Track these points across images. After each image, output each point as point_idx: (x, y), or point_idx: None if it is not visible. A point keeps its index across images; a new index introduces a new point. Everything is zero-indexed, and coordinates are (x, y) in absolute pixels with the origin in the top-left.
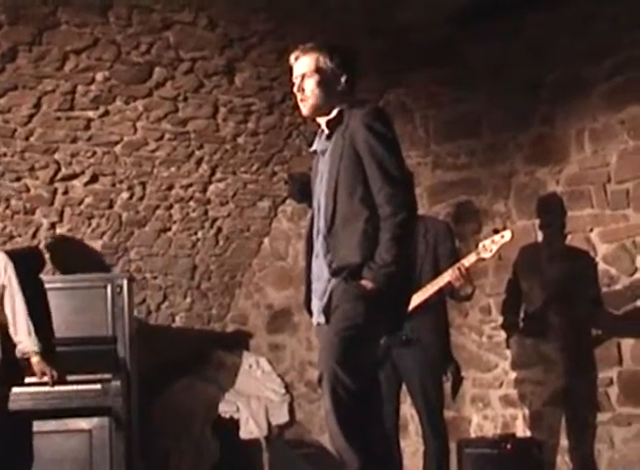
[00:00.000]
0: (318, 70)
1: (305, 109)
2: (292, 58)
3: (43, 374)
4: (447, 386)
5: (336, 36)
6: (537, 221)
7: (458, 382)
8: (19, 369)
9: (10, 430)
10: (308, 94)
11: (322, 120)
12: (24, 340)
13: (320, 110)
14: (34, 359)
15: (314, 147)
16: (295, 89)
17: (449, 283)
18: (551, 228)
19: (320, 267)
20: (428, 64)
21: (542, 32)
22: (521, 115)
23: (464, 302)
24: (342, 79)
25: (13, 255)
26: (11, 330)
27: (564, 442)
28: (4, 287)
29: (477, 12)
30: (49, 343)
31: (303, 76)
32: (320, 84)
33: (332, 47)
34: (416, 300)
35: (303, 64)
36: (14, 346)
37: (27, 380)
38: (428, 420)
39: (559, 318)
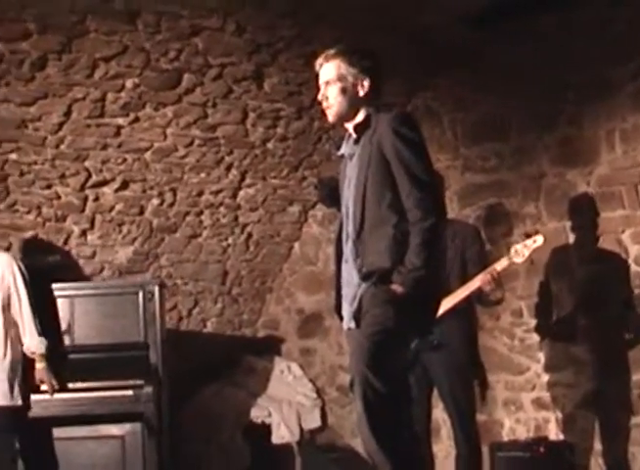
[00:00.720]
0: (340, 76)
1: (330, 116)
2: (316, 65)
3: (42, 382)
4: (477, 390)
5: (362, 40)
6: (568, 223)
7: (485, 387)
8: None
9: (35, 437)
10: (332, 102)
11: (349, 125)
12: (30, 341)
13: (344, 116)
14: (39, 365)
15: (342, 151)
16: (319, 97)
17: (479, 288)
18: (582, 230)
19: (350, 272)
20: (454, 67)
21: (565, 34)
22: (547, 116)
23: (493, 307)
24: (365, 84)
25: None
26: (20, 332)
27: (597, 445)
28: (9, 288)
29: (500, 14)
30: (57, 350)
31: (327, 84)
32: (343, 91)
33: (352, 52)
34: (445, 304)
35: (326, 71)
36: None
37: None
38: (458, 424)
39: (590, 321)
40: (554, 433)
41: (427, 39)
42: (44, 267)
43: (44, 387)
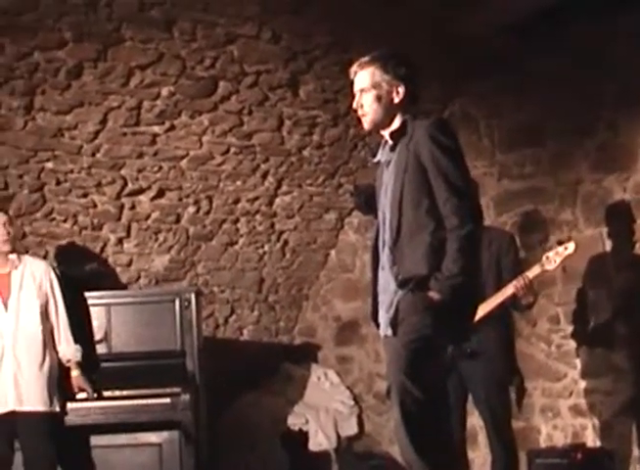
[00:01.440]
0: (374, 84)
1: (366, 124)
2: (351, 73)
3: (81, 390)
4: (513, 397)
5: (398, 46)
6: (605, 230)
7: (522, 393)
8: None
9: (72, 444)
10: (367, 109)
11: (385, 132)
12: (66, 348)
13: (380, 124)
14: (74, 373)
15: (378, 158)
16: (354, 105)
17: (513, 294)
18: (619, 237)
19: (386, 279)
20: (491, 73)
21: (603, 41)
22: (584, 122)
23: (526, 311)
24: (400, 90)
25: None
26: (55, 340)
27: (636, 452)
28: (47, 295)
29: (539, 22)
30: (90, 359)
31: (361, 92)
32: (377, 99)
33: (387, 58)
34: (480, 312)
35: (360, 79)
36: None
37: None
38: (494, 431)
39: (628, 328)
40: (591, 439)
41: (464, 46)
42: (81, 276)
43: (82, 395)
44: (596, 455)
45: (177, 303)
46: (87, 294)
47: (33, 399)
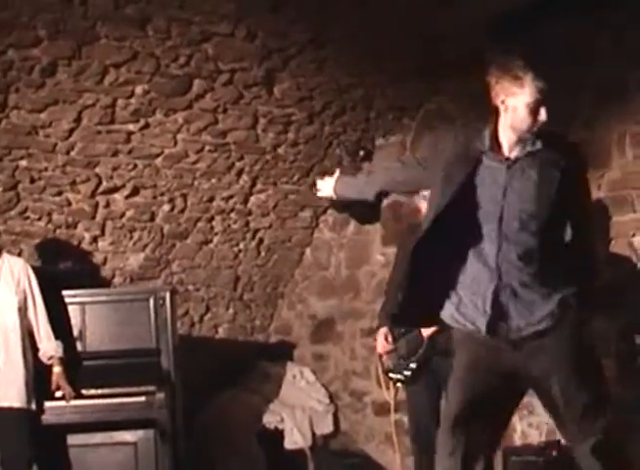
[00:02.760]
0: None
1: (529, 130)
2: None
3: (58, 387)
4: None
5: (375, 44)
6: None
7: None
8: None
9: (49, 444)
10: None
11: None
12: (48, 344)
13: None
14: (56, 369)
15: (480, 147)
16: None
17: None
18: (595, 234)
19: (489, 277)
20: (467, 70)
21: (580, 37)
22: (560, 120)
23: None
24: None
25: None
26: (35, 337)
27: None
28: (25, 292)
29: (514, 18)
30: (68, 357)
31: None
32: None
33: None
34: None
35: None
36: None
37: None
38: None
39: (604, 325)
40: None
41: (443, 44)
42: (55, 274)
43: (59, 393)
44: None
45: (152, 301)
46: (63, 293)
47: (11, 395)
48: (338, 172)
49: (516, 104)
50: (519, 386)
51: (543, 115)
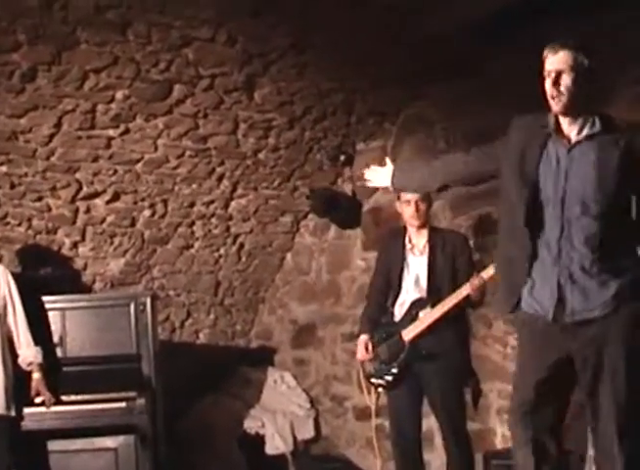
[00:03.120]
0: (576, 67)
1: (557, 106)
2: (546, 51)
3: (38, 394)
4: (469, 398)
5: (356, 49)
6: None
7: (478, 395)
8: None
9: (29, 450)
10: (563, 91)
11: (573, 119)
12: (27, 350)
13: (572, 109)
14: (35, 375)
15: (548, 129)
16: (546, 85)
17: (468, 295)
18: None
19: (563, 263)
20: (448, 76)
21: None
22: None
23: (478, 307)
24: (593, 78)
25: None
26: (15, 343)
27: (591, 452)
28: (4, 298)
29: (500, 26)
30: (49, 363)
31: (559, 73)
32: (576, 83)
33: (585, 46)
34: (435, 313)
35: (560, 59)
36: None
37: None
38: (450, 432)
39: None
40: None
41: (425, 48)
42: (36, 279)
43: (38, 399)
44: None
45: (133, 306)
46: (43, 298)
47: None
48: (389, 162)
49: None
50: (573, 371)
51: (565, 82)
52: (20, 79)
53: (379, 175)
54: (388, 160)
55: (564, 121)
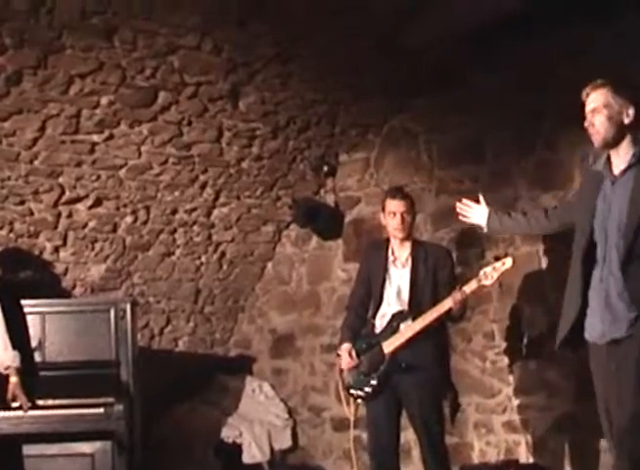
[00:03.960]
0: (606, 105)
1: (596, 142)
2: (583, 94)
3: (14, 398)
4: (448, 411)
5: (341, 60)
6: (542, 247)
7: (456, 409)
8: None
9: (5, 454)
10: (598, 128)
11: (616, 150)
12: (4, 354)
13: (610, 142)
14: (12, 379)
15: (598, 168)
16: (586, 123)
17: (449, 309)
18: (554, 254)
19: (608, 294)
20: (434, 89)
21: (544, 58)
22: (524, 140)
23: (458, 321)
24: (630, 112)
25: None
26: None
27: (568, 468)
28: None
29: (480, 38)
30: (27, 367)
31: (593, 111)
32: (608, 119)
33: (618, 83)
34: (416, 326)
35: (593, 99)
36: None
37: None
38: (428, 446)
39: None
40: (524, 456)
41: (409, 60)
42: (15, 283)
43: (15, 403)
44: None
45: (113, 312)
46: (22, 302)
47: None
48: (483, 200)
49: None
50: None
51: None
52: (4, 83)
53: (475, 213)
54: (481, 197)
55: (612, 156)
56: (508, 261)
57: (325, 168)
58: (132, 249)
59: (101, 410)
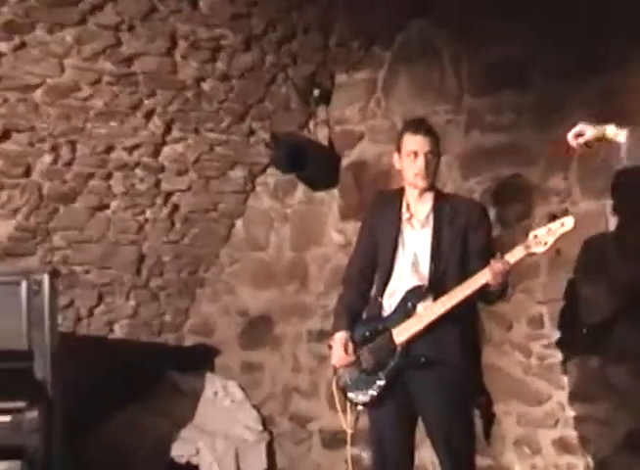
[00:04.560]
0: None
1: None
2: None
3: None
4: (479, 423)
5: None
6: (609, 203)
7: (489, 420)
8: None
9: None
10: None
11: None
12: None
13: None
14: None
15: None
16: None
17: (485, 285)
18: (627, 212)
19: None
20: None
21: None
22: (584, 60)
23: (496, 303)
24: None
25: None
26: None
27: None
28: None
29: None
30: None
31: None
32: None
33: None
34: (438, 308)
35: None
36: None
37: None
38: (451, 468)
39: (633, 335)
40: None
41: None
42: None
43: None
44: None
45: (24, 286)
46: None
47: None
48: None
49: None
50: None
51: None
52: None
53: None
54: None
55: None
56: (568, 221)
57: (315, 93)
58: (51, 200)
59: (7, 419)
